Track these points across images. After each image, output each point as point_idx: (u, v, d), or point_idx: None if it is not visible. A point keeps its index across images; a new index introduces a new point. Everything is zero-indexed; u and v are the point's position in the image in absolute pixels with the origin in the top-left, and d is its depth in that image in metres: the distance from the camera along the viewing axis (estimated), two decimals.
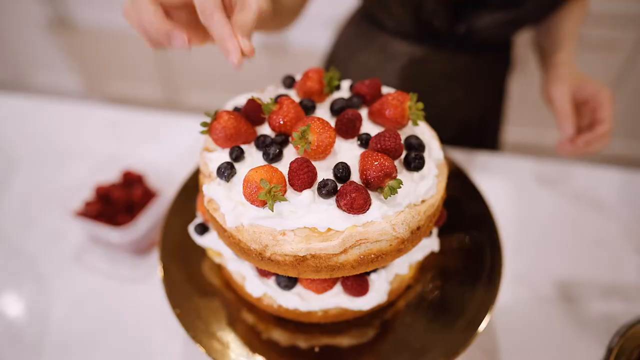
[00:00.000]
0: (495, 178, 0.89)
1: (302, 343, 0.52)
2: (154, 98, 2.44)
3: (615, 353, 0.48)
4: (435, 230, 0.53)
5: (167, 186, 0.78)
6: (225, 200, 0.41)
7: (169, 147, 0.93)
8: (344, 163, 0.41)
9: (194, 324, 0.50)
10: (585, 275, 0.74)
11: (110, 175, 0.80)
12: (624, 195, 0.86)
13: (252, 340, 0.52)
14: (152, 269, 0.74)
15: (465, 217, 0.61)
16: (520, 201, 0.85)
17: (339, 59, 0.99)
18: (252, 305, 0.53)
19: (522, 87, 2.07)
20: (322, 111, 0.48)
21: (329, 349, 0.52)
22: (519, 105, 2.15)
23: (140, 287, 0.72)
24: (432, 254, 0.56)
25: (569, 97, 0.71)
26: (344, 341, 0.53)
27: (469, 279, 0.55)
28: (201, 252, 0.59)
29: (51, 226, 0.80)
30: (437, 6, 0.75)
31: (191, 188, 0.66)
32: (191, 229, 0.53)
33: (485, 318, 0.50)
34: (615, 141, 2.14)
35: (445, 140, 0.99)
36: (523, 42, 1.16)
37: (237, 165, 0.43)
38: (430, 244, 0.51)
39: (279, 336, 0.53)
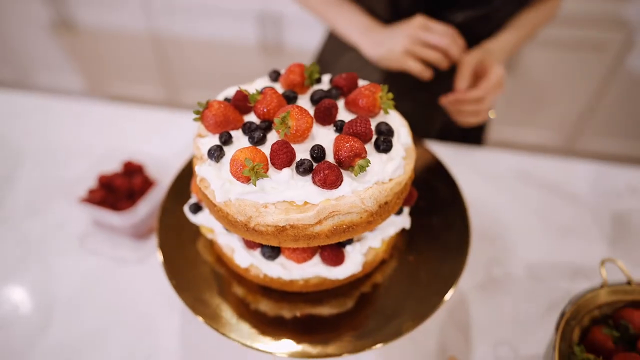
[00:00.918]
0: (476, 171, 0.94)
1: (287, 313, 0.58)
2: (154, 98, 2.50)
3: (567, 318, 0.54)
4: (406, 210, 0.58)
5: (164, 176, 0.84)
6: (215, 179, 0.47)
7: (166, 141, 0.99)
8: (320, 145, 0.46)
9: (189, 295, 0.56)
10: (554, 258, 0.79)
11: (112, 166, 0.85)
12: (593, 186, 0.92)
13: (242, 311, 0.57)
14: (151, 252, 0.80)
15: (438, 202, 0.67)
16: (498, 192, 0.90)
17: (327, 59, 1.04)
18: (241, 278, 0.59)
19: (511, 87, 2.13)
20: (303, 101, 0.53)
21: (311, 318, 0.58)
22: (507, 104, 2.20)
23: (140, 268, 0.78)
24: (406, 232, 0.62)
25: (473, 64, 0.79)
26: (325, 310, 0.58)
27: (440, 255, 0.60)
28: (195, 232, 0.65)
29: (57, 213, 0.86)
30: (412, 4, 0.81)
31: (186, 176, 0.72)
32: (186, 208, 0.59)
33: (451, 290, 0.55)
34: (603, 140, 2.20)
35: (431, 136, 1.04)
36: None
37: (225, 148, 0.49)
38: (402, 222, 0.56)
39: (266, 307, 0.58)
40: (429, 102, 0.99)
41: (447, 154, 0.96)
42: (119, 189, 0.80)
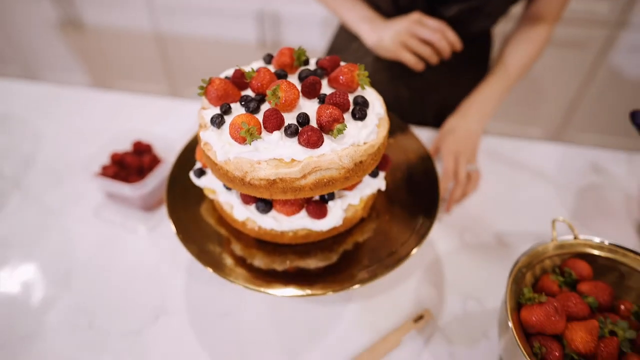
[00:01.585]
0: None
1: (278, 266, 0.66)
2: (157, 94, 2.60)
3: (519, 266, 0.62)
4: (382, 174, 0.67)
5: (170, 155, 0.93)
6: (216, 142, 0.56)
7: (171, 125, 1.07)
8: (305, 113, 0.55)
9: (194, 247, 0.65)
10: (521, 227, 0.88)
11: (123, 146, 0.94)
12: (559, 165, 1.00)
13: (240, 264, 0.66)
14: (159, 222, 0.88)
15: (414, 173, 0.76)
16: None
17: (337, 49, 1.14)
18: (239, 234, 0.67)
19: None
20: (292, 79, 0.62)
21: (300, 271, 0.66)
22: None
23: (149, 236, 0.87)
24: (384, 197, 0.70)
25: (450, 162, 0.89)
26: (312, 263, 0.67)
27: (412, 216, 0.69)
28: (198, 198, 0.74)
29: (74, 187, 0.95)
30: (411, 0, 0.90)
31: (189, 152, 0.81)
32: (191, 174, 0.68)
33: (416, 248, 0.64)
34: (586, 136, 2.28)
35: (427, 119, 1.13)
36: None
37: (225, 117, 0.58)
38: (378, 184, 0.65)
39: (260, 262, 0.67)
40: (424, 88, 1.08)
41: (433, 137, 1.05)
42: (129, 165, 0.89)
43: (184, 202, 0.72)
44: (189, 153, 0.79)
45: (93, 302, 0.76)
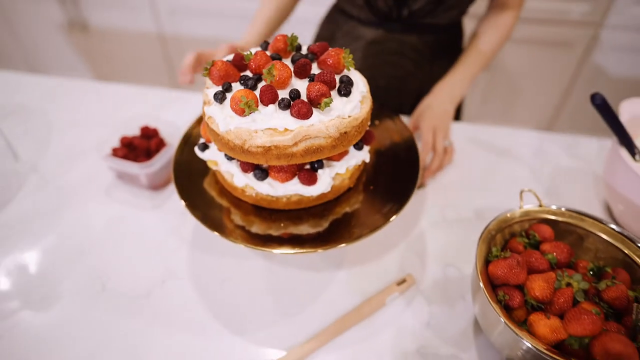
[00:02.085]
0: None
1: (274, 232, 0.73)
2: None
3: (489, 228, 0.70)
4: (366, 147, 0.75)
5: (174, 139, 1.00)
6: (219, 115, 0.63)
7: (175, 113, 1.15)
8: (296, 89, 0.63)
9: (198, 212, 0.72)
10: (497, 204, 0.95)
11: (132, 131, 1.02)
12: (536, 149, 1.08)
13: (240, 232, 0.73)
14: (164, 200, 0.96)
15: (397, 150, 0.83)
16: (456, 155, 1.07)
17: (322, 38, 1.23)
18: (238, 203, 0.75)
19: (486, 84, 2.30)
20: (286, 62, 0.70)
21: (293, 236, 0.73)
22: (483, 101, 2.37)
23: (156, 212, 0.94)
24: (369, 170, 0.78)
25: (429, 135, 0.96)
26: (304, 230, 0.74)
27: (393, 186, 0.77)
28: (202, 172, 0.81)
29: (86, 169, 1.03)
30: None
31: (192, 135, 0.88)
32: (196, 148, 0.75)
33: (396, 214, 0.71)
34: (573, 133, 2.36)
35: (404, 107, 1.21)
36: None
37: (227, 94, 0.65)
38: (363, 155, 0.73)
39: (257, 228, 0.74)
40: (402, 76, 1.16)
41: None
42: (138, 148, 0.97)
43: (189, 178, 0.79)
44: (192, 136, 0.87)
45: (105, 268, 0.84)
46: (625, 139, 0.82)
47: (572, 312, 0.58)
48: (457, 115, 1.30)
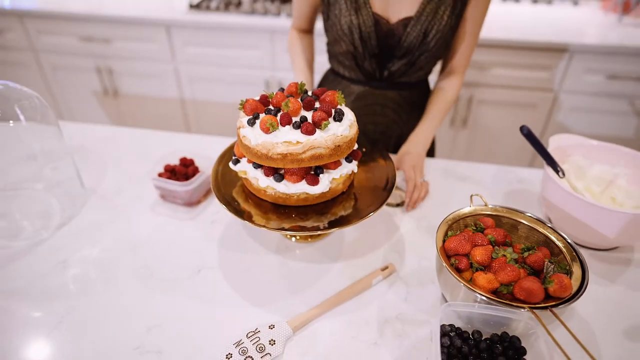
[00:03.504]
0: None
1: (286, 225, 0.98)
2: None
3: (445, 220, 0.95)
4: (355, 162, 1.01)
5: (205, 167, 1.27)
6: (251, 133, 0.91)
7: (204, 150, 1.43)
8: (304, 115, 0.91)
9: (230, 208, 0.97)
10: None
11: (173, 162, 1.29)
12: (493, 177, 1.35)
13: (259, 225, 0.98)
14: (198, 214, 1.21)
15: (378, 167, 1.10)
16: (430, 182, 1.34)
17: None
18: (260, 203, 1.00)
19: (465, 139, 2.62)
20: (296, 101, 0.99)
21: (300, 227, 0.98)
22: (465, 154, 2.68)
23: (192, 223, 1.19)
24: (356, 176, 1.04)
25: (410, 172, 1.23)
26: (309, 224, 0.98)
27: (375, 192, 1.02)
28: (231, 184, 1.07)
29: (134, 191, 1.28)
30: (366, 57, 1.31)
31: (221, 161, 1.15)
32: (230, 163, 1.02)
33: (377, 211, 0.96)
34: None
35: (390, 146, 1.50)
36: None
37: (256, 120, 0.93)
38: (352, 167, 0.99)
39: (274, 223, 0.99)
40: (386, 124, 1.46)
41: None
42: (178, 173, 1.24)
43: (220, 185, 1.05)
44: (221, 162, 1.14)
45: (153, 262, 1.07)
46: (550, 161, 1.09)
47: (500, 267, 0.82)
48: (431, 154, 1.59)
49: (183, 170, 1.24)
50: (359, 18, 1.24)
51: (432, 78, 1.46)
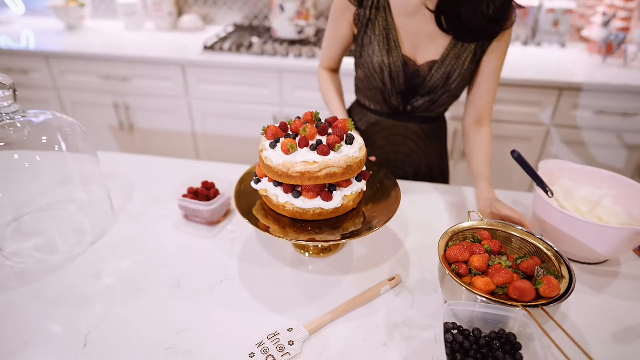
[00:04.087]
0: (419, 196, 1.50)
1: (302, 238, 1.09)
2: None
3: (447, 233, 1.05)
4: (364, 181, 1.13)
5: (226, 190, 1.39)
6: (272, 155, 1.03)
7: (223, 175, 1.55)
8: (320, 139, 1.03)
9: (252, 222, 1.08)
10: None
11: (196, 185, 1.41)
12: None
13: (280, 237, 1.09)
14: (218, 232, 1.31)
15: (385, 189, 1.22)
16: (434, 204, 1.45)
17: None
18: (278, 219, 1.11)
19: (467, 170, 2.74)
20: (312, 127, 1.12)
21: (315, 240, 1.08)
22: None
23: (212, 239, 1.29)
24: (366, 196, 1.16)
25: (510, 211, 1.20)
26: (323, 237, 1.09)
27: (382, 209, 1.14)
28: (252, 201, 1.18)
29: (159, 212, 1.39)
30: (393, 94, 1.46)
31: (241, 185, 1.27)
32: (252, 182, 1.14)
33: (386, 224, 1.07)
34: None
35: (407, 175, 1.62)
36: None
37: (277, 144, 1.06)
38: (361, 185, 1.11)
39: (291, 237, 1.09)
40: (407, 153, 1.60)
41: (405, 187, 1.53)
42: (201, 195, 1.35)
43: (241, 204, 1.16)
44: (243, 184, 1.25)
45: (178, 274, 1.17)
46: (539, 182, 1.21)
47: (496, 271, 0.92)
48: (446, 181, 1.73)
49: (205, 192, 1.35)
50: (389, 58, 1.40)
51: (449, 114, 1.60)
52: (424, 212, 1.41)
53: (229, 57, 2.73)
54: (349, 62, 1.63)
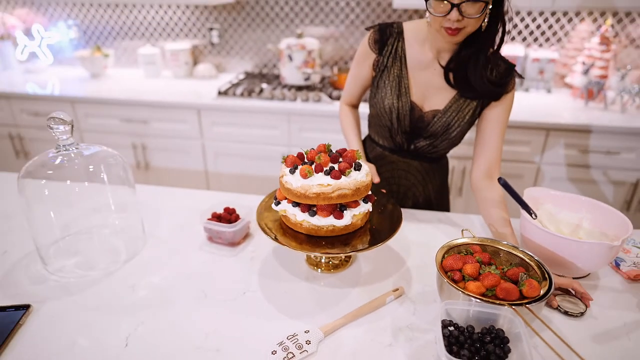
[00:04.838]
0: (419, 225, 1.67)
1: (317, 253, 1.24)
2: None
3: (442, 247, 1.21)
4: (370, 203, 1.30)
5: (247, 215, 1.55)
6: (292, 179, 1.20)
7: (242, 203, 1.72)
8: (332, 166, 1.21)
9: (273, 237, 1.23)
10: None
11: (219, 210, 1.57)
12: (481, 224, 1.62)
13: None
14: (239, 252, 1.47)
15: (388, 211, 1.38)
16: (431, 227, 1.61)
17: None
18: (295, 236, 1.26)
19: (463, 206, 2.91)
20: (325, 155, 1.29)
21: (327, 253, 1.23)
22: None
23: (234, 258, 1.44)
24: (372, 216, 1.32)
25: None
26: (335, 252, 1.24)
27: (387, 227, 1.29)
28: (272, 220, 1.34)
29: (185, 235, 1.55)
30: (398, 132, 1.65)
31: (262, 206, 1.44)
32: (272, 204, 1.30)
33: (389, 240, 1.23)
34: None
35: (408, 204, 1.79)
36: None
37: (296, 170, 1.23)
38: (368, 206, 1.28)
39: (307, 252, 1.25)
40: (408, 186, 1.78)
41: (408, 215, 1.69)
42: (224, 219, 1.51)
43: (265, 223, 1.32)
44: (262, 208, 1.42)
45: (205, 287, 1.31)
46: (524, 205, 1.38)
47: (485, 276, 1.07)
48: (447, 209, 1.89)
49: (227, 217, 1.52)
50: (399, 102, 1.55)
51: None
52: (424, 235, 1.57)
53: (241, 102, 2.96)
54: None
